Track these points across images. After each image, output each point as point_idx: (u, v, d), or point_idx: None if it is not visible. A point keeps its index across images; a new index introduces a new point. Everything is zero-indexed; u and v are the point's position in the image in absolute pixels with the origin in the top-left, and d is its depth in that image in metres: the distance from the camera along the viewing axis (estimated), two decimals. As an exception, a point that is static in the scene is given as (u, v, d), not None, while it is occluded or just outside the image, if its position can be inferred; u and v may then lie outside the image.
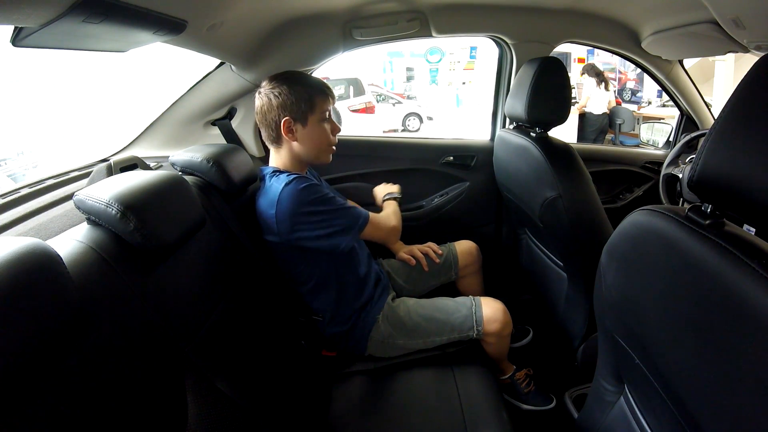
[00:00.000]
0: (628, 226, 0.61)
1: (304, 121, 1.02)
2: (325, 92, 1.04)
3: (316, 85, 1.04)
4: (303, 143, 1.05)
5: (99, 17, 0.66)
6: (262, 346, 0.92)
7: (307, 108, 1.02)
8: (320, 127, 1.05)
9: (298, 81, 1.02)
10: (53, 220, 0.92)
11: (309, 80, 1.05)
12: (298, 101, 1.01)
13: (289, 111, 1.01)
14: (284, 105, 1.01)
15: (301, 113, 1.02)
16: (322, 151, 1.08)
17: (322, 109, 1.04)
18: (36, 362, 0.46)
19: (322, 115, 1.04)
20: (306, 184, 0.98)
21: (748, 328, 0.41)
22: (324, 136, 1.06)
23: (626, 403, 0.70)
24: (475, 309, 1.09)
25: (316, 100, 1.02)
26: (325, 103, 1.04)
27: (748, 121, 0.44)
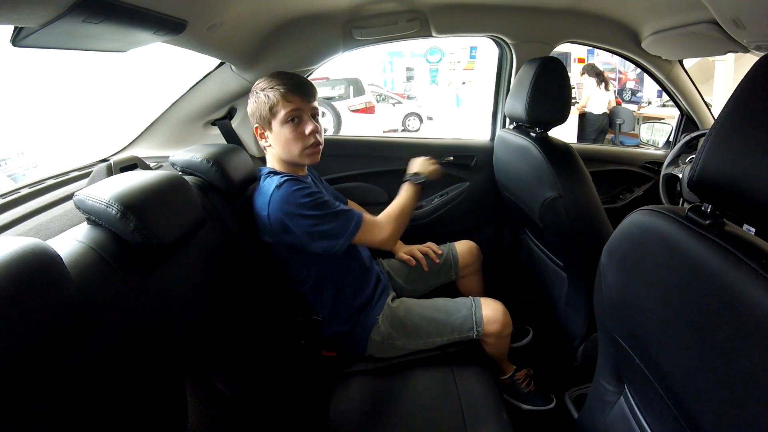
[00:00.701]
0: (628, 226, 0.61)
1: (269, 126, 1.03)
2: (289, 92, 1.00)
3: (279, 85, 1.01)
4: (276, 146, 1.05)
5: (99, 17, 0.66)
6: (262, 346, 0.92)
7: (267, 114, 1.02)
8: (286, 130, 1.02)
9: (265, 85, 1.02)
10: (53, 220, 0.91)
11: (275, 81, 1.01)
12: (260, 107, 1.02)
13: (257, 119, 1.04)
14: (253, 113, 1.05)
15: (264, 119, 1.03)
16: (295, 152, 1.04)
17: (286, 109, 1.00)
18: (36, 362, 0.46)
19: (285, 117, 1.01)
20: (297, 186, 0.97)
21: (748, 328, 0.41)
22: (291, 139, 1.02)
23: (626, 403, 0.70)
24: (475, 309, 1.09)
25: (276, 103, 1.00)
26: (289, 104, 1.00)
27: (748, 121, 0.44)
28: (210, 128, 1.46)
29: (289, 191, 0.96)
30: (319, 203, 0.98)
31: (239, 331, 0.87)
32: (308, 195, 0.97)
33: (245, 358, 0.84)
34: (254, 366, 0.85)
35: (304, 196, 0.97)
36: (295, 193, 0.96)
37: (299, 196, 0.97)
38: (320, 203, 0.99)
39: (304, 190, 0.98)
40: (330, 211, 0.99)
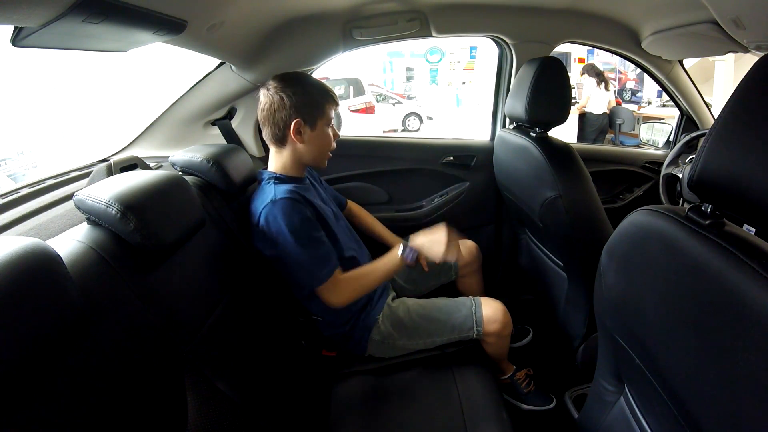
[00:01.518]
0: (628, 226, 0.61)
1: (313, 124, 1.02)
2: (333, 98, 1.05)
3: (325, 90, 1.05)
4: (308, 146, 1.03)
5: (99, 17, 0.66)
6: (262, 346, 0.92)
7: (317, 112, 1.02)
8: (326, 132, 1.05)
9: (310, 83, 1.03)
10: (53, 220, 0.91)
11: (319, 84, 1.05)
12: (311, 104, 1.01)
13: (301, 113, 1.00)
14: (297, 106, 1.00)
15: (312, 116, 1.01)
16: (324, 155, 1.08)
17: (329, 114, 1.04)
18: (36, 362, 0.46)
19: (328, 120, 1.05)
20: (294, 208, 0.95)
21: (749, 328, 0.41)
22: (328, 141, 1.07)
23: (626, 403, 0.70)
24: (475, 309, 1.09)
25: (326, 105, 1.03)
26: (332, 108, 1.05)
27: (748, 121, 0.44)
28: (210, 128, 1.46)
29: (281, 212, 0.94)
30: (307, 236, 0.95)
31: (239, 331, 0.87)
32: (299, 223, 0.95)
33: (245, 358, 0.84)
34: (254, 366, 0.85)
35: (295, 222, 0.94)
36: (285, 217, 0.94)
37: (290, 220, 0.94)
38: (308, 236, 0.96)
39: (297, 217, 0.95)
40: (313, 248, 0.96)
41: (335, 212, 1.17)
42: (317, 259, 0.96)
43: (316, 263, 0.96)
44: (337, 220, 1.15)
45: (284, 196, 0.95)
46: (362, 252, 1.21)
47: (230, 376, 0.76)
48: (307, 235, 0.96)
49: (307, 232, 0.96)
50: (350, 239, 1.17)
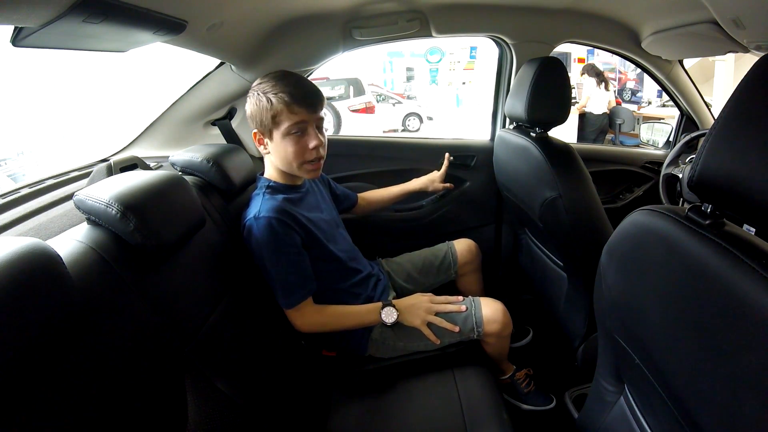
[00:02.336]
0: (628, 226, 0.61)
1: (269, 135, 0.97)
2: (296, 104, 0.93)
3: (286, 94, 0.93)
4: (275, 156, 1.00)
5: (99, 17, 0.66)
6: (262, 346, 0.92)
7: (269, 123, 0.95)
8: (287, 142, 0.96)
9: (270, 88, 0.94)
10: (53, 220, 0.92)
11: (281, 87, 0.94)
12: (262, 114, 0.95)
13: (256, 123, 0.97)
14: (252, 116, 0.97)
15: (265, 127, 0.96)
16: (294, 166, 0.99)
17: (290, 122, 0.94)
18: (36, 362, 0.46)
19: (289, 129, 0.95)
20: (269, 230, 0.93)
21: (748, 328, 0.41)
22: (292, 152, 0.96)
23: (626, 403, 0.70)
24: (475, 310, 1.09)
25: (281, 113, 0.94)
26: (294, 116, 0.94)
27: (748, 121, 0.44)
28: (210, 128, 1.46)
29: (263, 229, 0.93)
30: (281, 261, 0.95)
31: (239, 331, 0.87)
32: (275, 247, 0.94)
33: (245, 358, 0.84)
34: (254, 366, 0.85)
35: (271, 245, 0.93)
36: (263, 237, 0.93)
37: (267, 242, 0.93)
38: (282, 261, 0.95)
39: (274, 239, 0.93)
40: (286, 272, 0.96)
41: (333, 219, 1.17)
42: (288, 284, 0.97)
43: (286, 287, 0.97)
44: (337, 227, 1.16)
45: (267, 215, 0.94)
46: (360, 256, 1.21)
47: (230, 376, 0.76)
48: (283, 259, 0.95)
49: (282, 256, 0.95)
50: (348, 244, 1.17)
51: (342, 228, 1.21)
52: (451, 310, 1.07)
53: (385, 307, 1.04)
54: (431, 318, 1.05)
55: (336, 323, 1.04)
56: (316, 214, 1.08)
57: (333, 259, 1.08)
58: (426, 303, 1.07)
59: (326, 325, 1.04)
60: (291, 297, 0.98)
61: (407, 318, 1.05)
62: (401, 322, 1.05)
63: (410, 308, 1.06)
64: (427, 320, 1.05)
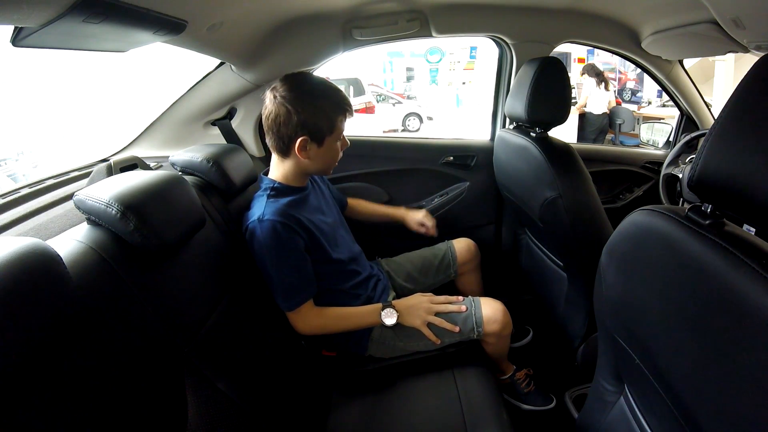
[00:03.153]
0: (628, 226, 0.61)
1: (321, 141, 0.97)
2: (347, 112, 1.00)
3: (340, 103, 0.98)
4: (314, 161, 1.00)
5: (99, 17, 0.66)
6: (262, 346, 0.92)
7: (326, 129, 0.96)
8: (335, 147, 1.01)
9: (323, 95, 0.96)
10: (53, 220, 0.92)
11: (333, 96, 0.98)
12: (320, 121, 0.95)
13: (308, 130, 0.95)
14: (305, 123, 0.94)
15: (320, 133, 0.96)
16: (329, 167, 1.06)
17: (340, 129, 0.99)
18: (36, 362, 0.46)
19: (338, 135, 1.00)
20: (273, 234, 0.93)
21: (748, 328, 0.41)
22: (335, 155, 1.03)
23: (626, 403, 0.70)
24: (475, 309, 1.09)
25: (337, 120, 0.97)
26: (343, 123, 1.00)
27: (749, 121, 0.44)
28: (210, 128, 1.46)
29: (267, 232, 0.93)
30: (282, 265, 0.95)
31: (239, 331, 0.87)
32: (276, 251, 0.94)
33: (245, 358, 0.84)
34: (254, 366, 0.85)
35: (272, 248, 0.93)
36: (266, 240, 0.93)
37: (269, 245, 0.93)
38: (283, 265, 0.95)
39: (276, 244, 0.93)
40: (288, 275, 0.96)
41: (336, 220, 1.17)
42: (290, 288, 0.97)
43: (287, 290, 0.97)
44: (338, 228, 1.15)
45: (271, 218, 0.94)
46: (360, 256, 1.21)
47: (230, 376, 0.76)
48: (285, 262, 0.95)
49: (285, 259, 0.95)
50: (348, 245, 1.17)
51: (344, 228, 1.21)
52: (451, 310, 1.07)
53: (385, 308, 1.05)
54: (431, 318, 1.05)
55: (336, 325, 1.05)
56: (319, 215, 1.08)
57: (334, 261, 1.08)
58: (426, 303, 1.07)
59: (326, 327, 1.04)
60: (292, 300, 0.98)
61: (407, 319, 1.05)
62: (401, 323, 1.05)
63: (410, 309, 1.06)
64: (427, 321, 1.05)
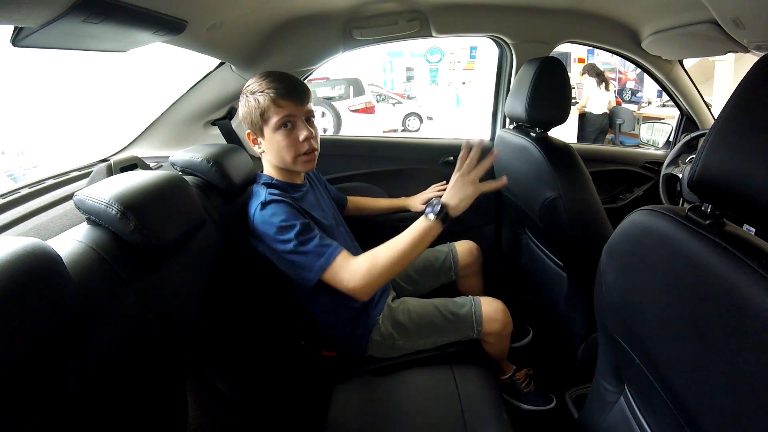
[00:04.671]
0: (628, 226, 0.61)
1: (261, 133, 0.99)
2: (280, 97, 0.95)
3: (270, 89, 0.95)
4: (270, 153, 1.01)
5: (99, 17, 0.66)
6: (262, 346, 0.92)
7: (258, 120, 0.97)
8: (278, 137, 0.97)
9: (256, 88, 0.96)
10: (53, 220, 0.92)
11: (266, 84, 0.96)
12: (251, 113, 0.97)
13: (248, 124, 1.00)
14: (244, 117, 1.00)
15: (256, 125, 0.98)
16: (287, 160, 1.00)
17: (278, 116, 0.96)
18: (36, 362, 0.46)
19: (277, 123, 0.96)
20: (278, 211, 0.93)
21: (748, 328, 0.41)
22: (284, 146, 0.98)
23: (626, 403, 0.70)
24: (475, 309, 1.09)
25: (268, 109, 0.95)
26: (281, 110, 0.95)
27: (748, 121, 0.44)
28: (210, 128, 1.46)
29: (269, 214, 0.93)
30: (296, 233, 0.91)
31: (239, 331, 0.87)
32: (287, 222, 0.92)
33: (245, 357, 0.84)
34: (254, 366, 0.86)
35: (282, 222, 0.92)
36: (273, 218, 0.92)
37: (278, 221, 0.92)
38: (297, 232, 0.91)
39: (284, 216, 0.92)
40: (305, 245, 0.92)
41: (335, 218, 1.17)
42: (312, 251, 0.91)
43: (311, 254, 0.90)
44: (337, 226, 1.15)
45: (272, 198, 0.95)
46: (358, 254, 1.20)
47: (230, 376, 0.76)
48: (298, 230, 0.91)
49: (295, 228, 0.92)
50: (347, 243, 1.15)
51: (343, 227, 1.20)
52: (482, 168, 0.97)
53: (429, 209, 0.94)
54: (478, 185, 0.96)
55: (389, 257, 0.91)
56: (317, 212, 1.08)
57: None
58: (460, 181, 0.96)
59: (377, 265, 0.90)
60: (320, 258, 0.90)
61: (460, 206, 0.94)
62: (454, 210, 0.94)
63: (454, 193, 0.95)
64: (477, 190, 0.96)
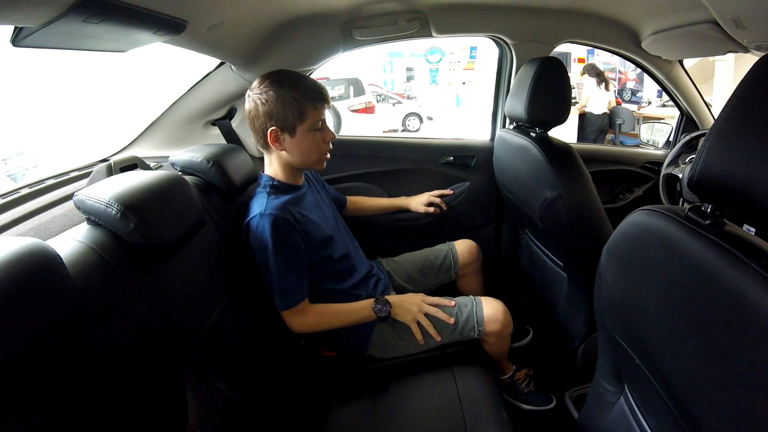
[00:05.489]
0: (628, 226, 0.61)
1: (292, 131, 0.97)
2: (318, 100, 0.97)
3: (308, 91, 0.96)
4: (291, 153, 1.00)
5: (99, 17, 0.66)
6: (262, 346, 0.92)
7: (295, 118, 0.95)
8: (310, 137, 0.98)
9: (287, 85, 0.95)
10: (53, 220, 0.92)
11: (301, 85, 0.96)
12: (286, 110, 0.94)
13: (275, 120, 0.95)
14: (270, 113, 0.95)
15: (289, 123, 0.96)
16: (312, 160, 1.03)
17: (313, 118, 0.97)
18: (36, 362, 0.46)
19: (313, 125, 0.97)
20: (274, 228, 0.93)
21: (748, 328, 0.41)
22: (314, 146, 1.00)
23: (626, 403, 0.70)
24: (476, 309, 1.09)
25: (307, 109, 0.95)
26: (317, 112, 0.97)
27: (748, 121, 0.44)
28: (210, 128, 1.46)
29: (267, 227, 0.93)
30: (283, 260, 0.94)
31: (239, 331, 0.87)
32: (275, 247, 0.93)
33: (245, 357, 0.84)
34: (254, 366, 0.86)
35: (272, 243, 0.93)
36: (264, 235, 0.93)
37: (269, 240, 0.93)
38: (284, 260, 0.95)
39: (281, 236, 0.94)
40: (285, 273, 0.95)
41: (334, 219, 1.17)
42: (286, 286, 0.97)
43: (284, 288, 0.97)
44: (337, 227, 1.15)
45: (273, 213, 0.94)
46: (359, 257, 1.21)
47: (230, 376, 0.76)
48: (283, 259, 0.95)
49: (283, 256, 0.95)
50: (346, 244, 1.16)
51: (342, 227, 1.21)
52: (441, 317, 1.07)
53: (377, 302, 1.05)
54: (421, 317, 1.06)
55: (331, 322, 1.04)
56: (317, 213, 1.08)
57: (333, 260, 1.07)
58: (418, 301, 1.08)
59: (321, 324, 1.03)
60: (288, 299, 0.98)
61: (399, 312, 1.05)
62: (394, 317, 1.05)
63: (403, 303, 1.06)
64: (417, 318, 1.05)
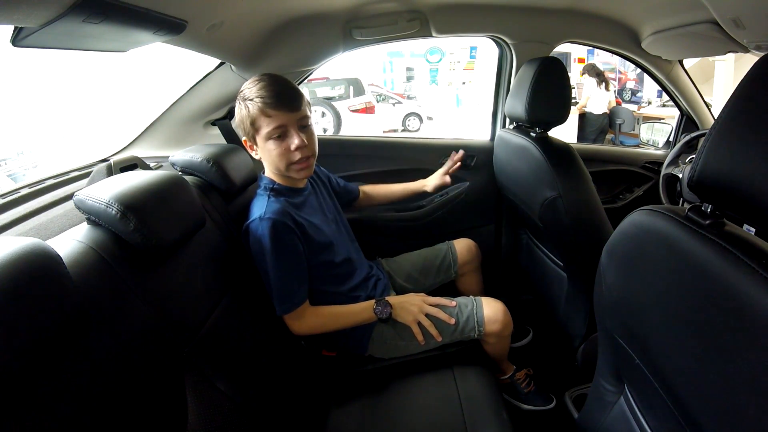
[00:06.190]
0: (628, 226, 0.61)
1: (254, 141, 0.99)
2: (271, 106, 0.92)
3: (262, 98, 0.92)
4: (265, 160, 1.00)
5: (99, 17, 0.66)
6: (262, 346, 0.92)
7: (251, 129, 0.96)
8: (271, 146, 0.95)
9: (249, 96, 0.94)
10: (53, 220, 0.92)
11: (260, 93, 0.93)
12: (243, 122, 0.97)
13: (242, 131, 0.99)
14: (239, 125, 0.99)
15: (249, 134, 0.98)
16: (282, 168, 0.98)
17: (269, 126, 0.94)
18: (36, 362, 0.46)
19: (270, 134, 0.94)
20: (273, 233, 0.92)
21: (749, 328, 0.41)
22: (277, 155, 0.96)
23: (626, 403, 0.70)
24: (476, 309, 1.09)
25: (258, 118, 0.94)
26: (271, 119, 0.93)
27: (748, 121, 0.44)
28: (210, 128, 1.46)
29: (267, 231, 0.92)
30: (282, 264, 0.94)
31: (239, 331, 0.87)
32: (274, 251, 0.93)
33: (245, 357, 0.84)
34: (254, 366, 0.86)
35: (271, 247, 0.92)
36: (264, 239, 0.92)
37: (267, 243, 0.92)
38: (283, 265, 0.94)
39: (280, 241, 0.93)
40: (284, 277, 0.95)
41: (335, 221, 1.16)
42: (286, 290, 0.96)
43: (284, 292, 0.96)
44: (338, 229, 1.15)
45: (273, 217, 0.94)
46: (358, 258, 1.21)
47: (230, 376, 0.76)
48: (283, 263, 0.94)
49: (283, 260, 0.94)
50: (347, 247, 1.16)
51: (344, 229, 1.20)
52: (441, 317, 1.07)
53: (378, 303, 1.05)
54: (422, 317, 1.05)
55: (332, 324, 1.04)
56: (319, 217, 1.08)
57: (333, 264, 1.07)
58: (419, 301, 1.08)
59: (322, 326, 1.03)
60: (288, 303, 0.97)
61: (400, 313, 1.05)
62: (394, 317, 1.05)
63: (403, 304, 1.06)
64: (418, 319, 1.05)
